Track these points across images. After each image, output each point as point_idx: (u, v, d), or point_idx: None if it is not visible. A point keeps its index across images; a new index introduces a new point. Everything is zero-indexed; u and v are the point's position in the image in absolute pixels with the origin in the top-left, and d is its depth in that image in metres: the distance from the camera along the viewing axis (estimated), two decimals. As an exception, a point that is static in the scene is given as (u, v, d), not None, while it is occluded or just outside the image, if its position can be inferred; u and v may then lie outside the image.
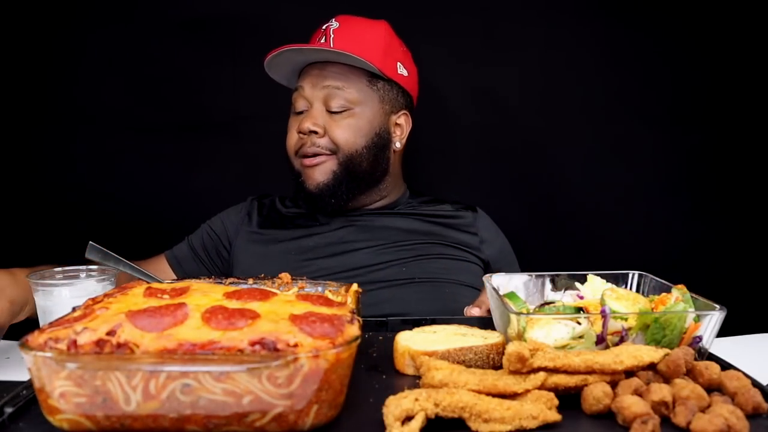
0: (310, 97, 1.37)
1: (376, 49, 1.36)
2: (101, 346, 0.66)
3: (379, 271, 1.35)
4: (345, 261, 1.37)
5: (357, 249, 1.38)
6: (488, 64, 1.75)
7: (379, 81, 1.40)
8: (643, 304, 0.85)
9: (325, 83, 1.36)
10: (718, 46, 1.70)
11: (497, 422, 0.65)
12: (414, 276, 1.35)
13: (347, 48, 1.31)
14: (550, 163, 1.76)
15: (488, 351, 0.82)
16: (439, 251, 1.40)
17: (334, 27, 1.37)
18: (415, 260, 1.37)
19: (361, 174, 1.38)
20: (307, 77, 1.38)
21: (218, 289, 0.83)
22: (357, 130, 1.37)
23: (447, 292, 1.35)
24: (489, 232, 1.50)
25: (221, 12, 1.73)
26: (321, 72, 1.36)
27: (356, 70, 1.37)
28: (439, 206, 1.50)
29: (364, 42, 1.35)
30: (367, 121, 1.38)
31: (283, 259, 1.38)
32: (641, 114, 1.74)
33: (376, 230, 1.41)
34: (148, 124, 1.74)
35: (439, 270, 1.37)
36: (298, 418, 0.64)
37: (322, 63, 1.37)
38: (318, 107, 1.37)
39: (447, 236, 1.43)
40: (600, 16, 1.73)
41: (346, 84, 1.36)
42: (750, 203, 1.73)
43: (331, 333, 0.67)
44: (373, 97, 1.39)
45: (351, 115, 1.37)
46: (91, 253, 0.96)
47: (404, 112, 1.46)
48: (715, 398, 0.69)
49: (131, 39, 1.72)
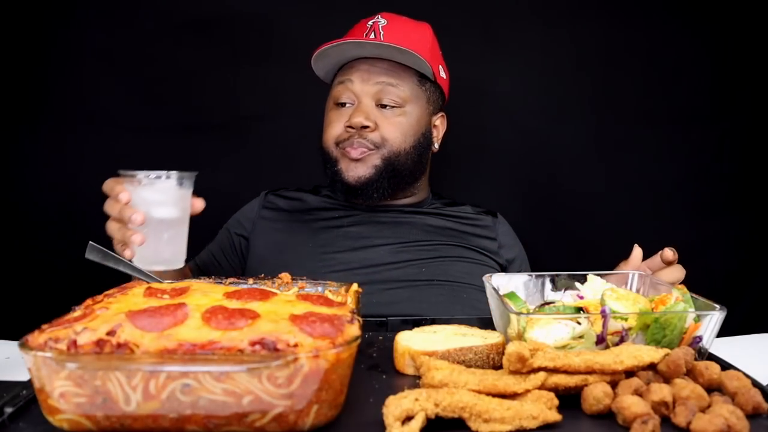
0: (359, 92, 1.35)
1: (425, 50, 1.36)
2: (101, 346, 0.66)
3: (397, 270, 1.33)
4: (364, 256, 1.35)
5: (377, 245, 1.36)
6: (488, 63, 1.75)
7: (427, 81, 1.40)
8: (643, 304, 0.85)
9: (379, 79, 1.34)
10: (721, 45, 1.70)
11: (497, 422, 0.65)
12: (433, 278, 1.33)
13: (400, 45, 1.29)
14: (550, 163, 1.76)
15: (488, 351, 0.82)
16: (459, 254, 1.38)
17: (383, 24, 1.35)
18: (435, 261, 1.36)
19: (404, 172, 1.38)
20: (356, 72, 1.35)
21: (218, 289, 0.83)
22: (407, 128, 1.36)
23: (465, 297, 1.32)
24: (507, 237, 1.50)
25: (222, 12, 1.73)
26: (371, 68, 1.35)
27: (407, 69, 1.36)
28: (460, 207, 1.50)
29: (415, 41, 1.34)
30: (416, 120, 1.38)
31: (301, 251, 1.36)
32: (642, 114, 1.74)
33: (398, 227, 1.40)
34: (148, 124, 1.74)
35: (459, 273, 1.35)
36: (299, 418, 0.64)
37: (371, 59, 1.35)
38: (368, 102, 1.35)
39: (467, 239, 1.42)
40: (602, 16, 1.73)
41: (399, 81, 1.35)
42: (750, 203, 1.73)
43: (331, 333, 0.67)
44: (421, 97, 1.39)
45: (402, 113, 1.36)
46: (91, 254, 0.96)
47: (442, 114, 1.48)
48: (715, 398, 0.69)
49: (131, 39, 1.72)
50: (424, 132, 1.41)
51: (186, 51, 1.73)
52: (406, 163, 1.37)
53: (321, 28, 1.47)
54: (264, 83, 1.73)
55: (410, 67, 1.36)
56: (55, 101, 1.73)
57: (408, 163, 1.37)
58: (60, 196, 1.73)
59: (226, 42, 1.74)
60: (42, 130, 1.73)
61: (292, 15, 1.70)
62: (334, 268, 1.32)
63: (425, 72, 1.37)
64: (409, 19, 1.41)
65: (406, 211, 1.44)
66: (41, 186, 1.74)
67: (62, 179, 1.74)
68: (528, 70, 1.75)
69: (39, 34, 1.70)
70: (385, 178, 1.35)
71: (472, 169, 1.80)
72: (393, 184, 1.37)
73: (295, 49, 1.40)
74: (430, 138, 1.45)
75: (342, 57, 1.37)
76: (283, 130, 1.51)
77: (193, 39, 1.73)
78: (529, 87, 1.75)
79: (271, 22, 1.72)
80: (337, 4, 1.47)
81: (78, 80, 1.73)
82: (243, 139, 1.77)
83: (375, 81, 1.34)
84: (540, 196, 1.78)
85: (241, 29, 1.73)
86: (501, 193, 1.76)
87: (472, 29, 1.74)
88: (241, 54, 1.74)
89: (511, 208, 1.70)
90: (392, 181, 1.36)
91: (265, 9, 1.72)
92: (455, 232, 1.42)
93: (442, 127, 1.49)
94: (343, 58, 1.37)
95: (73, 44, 1.72)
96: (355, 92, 1.35)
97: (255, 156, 1.77)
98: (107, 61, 1.73)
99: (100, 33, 1.72)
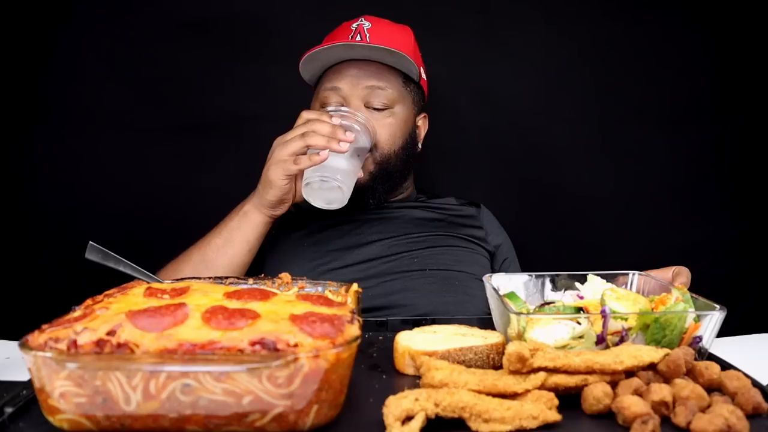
0: (348, 95, 1.35)
1: (410, 51, 1.37)
2: (101, 346, 0.66)
3: (390, 262, 1.35)
4: (358, 252, 1.37)
5: (370, 242, 1.38)
6: (488, 63, 1.75)
7: (411, 82, 1.41)
8: (643, 304, 0.85)
9: (368, 83, 1.34)
10: (721, 45, 1.70)
11: (497, 422, 0.65)
12: (425, 267, 1.35)
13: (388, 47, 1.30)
14: (550, 163, 1.76)
15: (488, 351, 0.82)
16: (449, 242, 1.41)
17: (367, 26, 1.36)
18: (425, 251, 1.38)
19: (395, 174, 1.40)
20: (345, 77, 1.35)
21: (218, 289, 0.83)
22: (396, 129, 1.38)
23: (458, 284, 1.35)
24: (492, 225, 1.54)
25: (221, 12, 1.73)
26: (359, 71, 1.35)
27: (393, 71, 1.37)
28: (444, 200, 1.54)
29: (400, 43, 1.35)
30: (403, 121, 1.40)
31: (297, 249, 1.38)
32: (641, 114, 1.74)
33: (388, 223, 1.42)
34: (148, 124, 1.74)
35: (450, 261, 1.37)
36: (299, 418, 0.64)
37: (360, 61, 1.35)
38: (357, 104, 1.35)
39: (455, 228, 1.45)
40: (601, 16, 1.73)
41: (387, 84, 1.36)
42: (750, 203, 1.73)
43: (331, 333, 0.67)
44: (407, 98, 1.41)
45: (391, 114, 1.37)
46: (91, 254, 0.96)
47: (424, 114, 1.50)
48: (715, 398, 0.69)
49: (131, 39, 1.72)
50: (411, 133, 1.43)
51: (186, 51, 1.73)
52: (397, 164, 1.39)
53: (321, 29, 1.47)
54: (264, 83, 1.73)
55: (395, 68, 1.37)
56: (55, 101, 1.73)
57: (399, 165, 1.40)
58: (60, 196, 1.73)
59: (226, 42, 1.74)
60: (41, 130, 1.73)
61: (292, 15, 1.70)
62: (331, 266, 1.34)
63: (411, 73, 1.38)
64: (391, 21, 1.42)
65: (394, 207, 1.47)
66: (41, 186, 1.73)
67: (62, 179, 1.74)
68: (528, 70, 1.75)
69: (39, 34, 1.70)
70: (380, 183, 1.37)
71: (471, 169, 1.80)
72: (387, 188, 1.40)
73: (295, 50, 1.40)
74: (416, 138, 1.47)
75: (330, 59, 1.37)
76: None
77: (192, 39, 1.72)
78: (528, 86, 1.75)
79: (270, 22, 1.72)
80: (338, 5, 1.47)
81: (77, 80, 1.73)
82: (243, 139, 1.77)
83: (364, 85, 1.35)
84: (540, 196, 1.78)
85: (240, 29, 1.73)
86: (500, 192, 1.76)
87: (472, 29, 1.74)
88: (240, 54, 1.73)
89: (511, 208, 1.70)
90: (386, 185, 1.39)
91: (264, 9, 1.72)
92: (443, 223, 1.46)
93: (424, 127, 1.51)
94: (331, 60, 1.38)
95: (73, 44, 1.72)
96: (344, 96, 1.36)
97: (255, 156, 1.76)
98: (107, 61, 1.72)
99: (99, 33, 1.71)
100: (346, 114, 1.27)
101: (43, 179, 1.74)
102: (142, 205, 1.74)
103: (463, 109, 1.77)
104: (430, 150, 1.74)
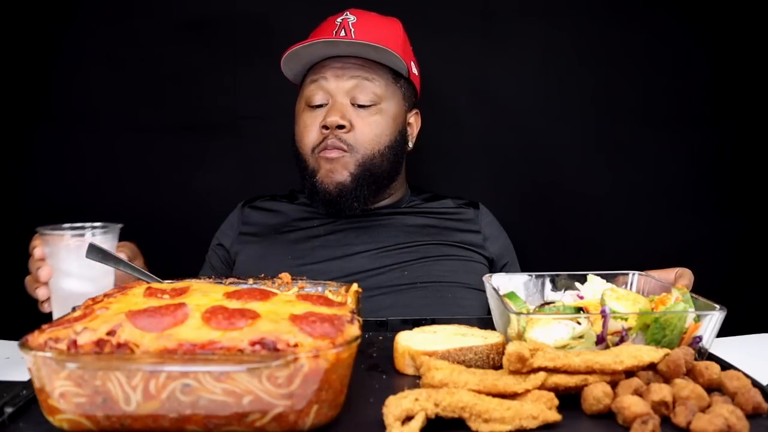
0: (334, 89, 1.31)
1: (398, 46, 1.32)
2: (101, 346, 0.66)
3: (379, 276, 1.30)
4: (343, 266, 1.31)
5: (356, 253, 1.33)
6: (488, 63, 1.75)
7: (401, 78, 1.37)
8: (643, 304, 0.85)
9: (355, 73, 1.30)
10: (721, 45, 1.70)
11: (497, 422, 0.65)
12: (416, 280, 1.30)
13: (372, 42, 1.26)
14: (549, 163, 1.76)
15: (488, 351, 0.82)
16: (443, 252, 1.35)
17: (352, 21, 1.31)
18: (416, 263, 1.32)
19: (381, 175, 1.34)
20: (329, 69, 1.31)
21: (218, 289, 0.83)
22: (383, 127, 1.33)
23: (450, 296, 1.30)
24: (492, 228, 1.47)
25: (221, 12, 1.72)
26: (344, 64, 1.31)
27: (381, 66, 1.33)
28: (441, 202, 1.48)
29: (386, 37, 1.31)
30: (392, 118, 1.35)
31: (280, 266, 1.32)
32: (641, 114, 1.74)
33: (376, 231, 1.37)
34: (148, 124, 1.74)
35: (443, 273, 1.32)
36: (299, 418, 0.64)
37: (344, 57, 1.32)
38: (343, 101, 1.31)
39: (450, 235, 1.39)
40: (601, 15, 1.72)
41: (375, 76, 1.32)
42: (750, 203, 1.73)
43: (331, 333, 0.67)
44: (397, 93, 1.36)
45: (378, 110, 1.32)
46: (90, 254, 0.96)
47: (416, 111, 1.45)
48: (715, 398, 0.69)
49: (131, 39, 1.72)
50: (401, 130, 1.38)
51: (186, 51, 1.73)
52: (382, 164, 1.33)
53: (321, 28, 1.47)
54: (264, 83, 1.72)
55: (384, 64, 1.33)
56: (55, 101, 1.73)
57: (384, 165, 1.34)
58: (60, 196, 1.73)
59: (226, 42, 1.74)
60: (42, 130, 1.73)
61: (293, 15, 1.70)
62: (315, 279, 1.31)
63: (399, 69, 1.34)
64: (378, 15, 1.38)
65: (383, 213, 1.40)
66: (41, 186, 1.73)
67: (62, 179, 1.74)
68: (527, 70, 1.75)
69: (39, 34, 1.70)
70: (363, 185, 1.31)
71: (470, 168, 1.80)
72: (372, 191, 1.33)
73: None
74: (406, 136, 1.42)
75: (313, 57, 1.33)
76: (283, 130, 1.50)
77: (193, 39, 1.72)
78: (528, 86, 1.75)
79: (270, 22, 1.72)
80: (339, 5, 1.46)
81: (77, 80, 1.73)
82: (242, 139, 1.77)
83: (350, 75, 1.30)
84: (539, 196, 1.77)
85: (240, 29, 1.73)
86: (500, 192, 1.75)
87: (472, 29, 1.74)
88: (240, 54, 1.73)
89: (511, 208, 1.70)
90: (371, 187, 1.33)
91: (264, 9, 1.72)
92: (436, 230, 1.39)
93: (417, 124, 1.46)
94: (314, 57, 1.34)
95: (73, 44, 1.72)
96: (329, 90, 1.32)
97: (254, 156, 1.77)
98: (106, 61, 1.72)
99: (100, 33, 1.71)
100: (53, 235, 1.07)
101: (43, 179, 1.74)
102: (142, 205, 1.74)
103: (463, 109, 1.77)
104: (429, 150, 1.74)
